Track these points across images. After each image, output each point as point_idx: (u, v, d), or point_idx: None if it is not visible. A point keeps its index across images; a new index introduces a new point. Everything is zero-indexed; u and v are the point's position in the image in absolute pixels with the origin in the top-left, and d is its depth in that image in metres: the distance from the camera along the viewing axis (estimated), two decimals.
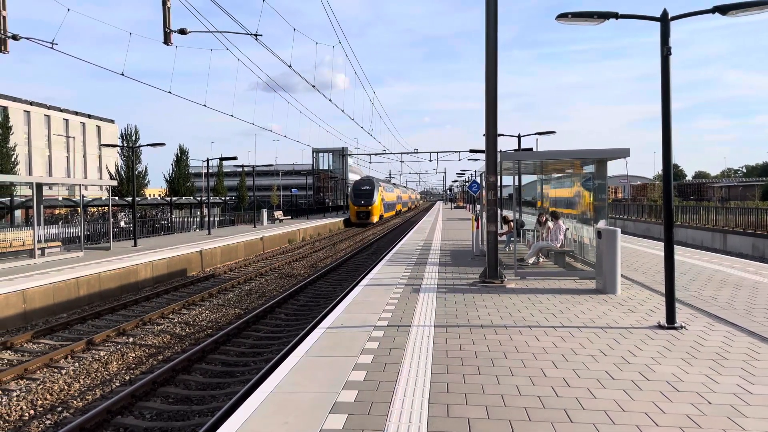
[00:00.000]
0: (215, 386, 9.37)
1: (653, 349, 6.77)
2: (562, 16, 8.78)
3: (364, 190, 55.92)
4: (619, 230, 10.44)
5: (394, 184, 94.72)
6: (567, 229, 14.12)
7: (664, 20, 7.94)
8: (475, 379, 5.76)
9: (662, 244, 8.57)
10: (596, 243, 10.84)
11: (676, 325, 7.77)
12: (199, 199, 49.88)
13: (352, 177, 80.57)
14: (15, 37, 13.45)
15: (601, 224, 11.40)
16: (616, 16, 8.44)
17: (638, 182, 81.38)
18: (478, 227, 17.92)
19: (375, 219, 55.16)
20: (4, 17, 13.01)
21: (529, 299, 9.98)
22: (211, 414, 7.96)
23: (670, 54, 7.88)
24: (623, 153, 11.28)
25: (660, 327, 7.84)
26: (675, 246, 8.13)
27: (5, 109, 55.32)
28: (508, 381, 5.69)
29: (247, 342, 11.98)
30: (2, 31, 12.98)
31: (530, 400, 5.15)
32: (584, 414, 4.82)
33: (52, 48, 14.36)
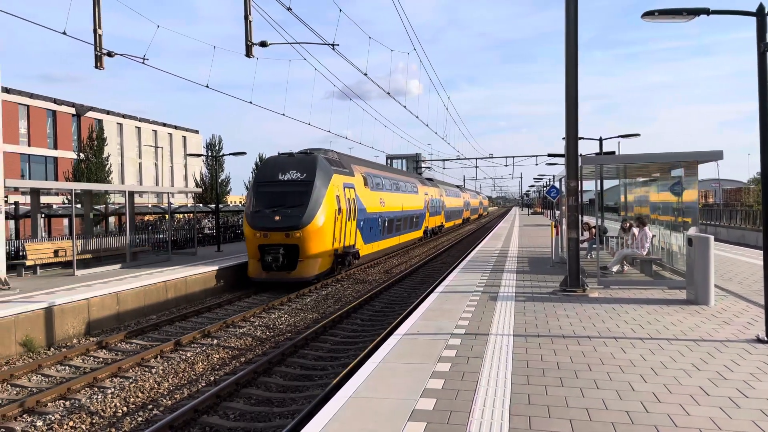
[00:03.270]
0: (294, 389, 9.55)
1: (752, 365, 6.35)
2: (649, 14, 8.42)
3: (285, 184, 19.90)
4: (711, 237, 9.87)
5: (429, 179, 50.34)
6: (654, 236, 13.49)
7: (761, 15, 7.46)
8: (558, 391, 5.58)
9: (760, 252, 8.02)
10: (687, 251, 10.29)
11: None
12: None
13: None
14: (110, 54, 14.33)
15: (692, 231, 10.83)
16: (707, 12, 8.02)
17: (731, 186, 76.67)
18: (557, 234, 17.44)
19: (315, 269, 19.32)
20: (99, 36, 13.89)
21: (613, 309, 9.60)
22: (292, 416, 8.12)
23: (767, 50, 7.40)
24: (715, 156, 10.69)
25: (759, 341, 7.35)
26: None
27: (100, 121, 58.89)
28: (593, 394, 5.47)
29: (325, 346, 12.16)
30: (98, 49, 13.85)
31: (618, 415, 4.93)
32: None
33: (143, 63, 15.21)
